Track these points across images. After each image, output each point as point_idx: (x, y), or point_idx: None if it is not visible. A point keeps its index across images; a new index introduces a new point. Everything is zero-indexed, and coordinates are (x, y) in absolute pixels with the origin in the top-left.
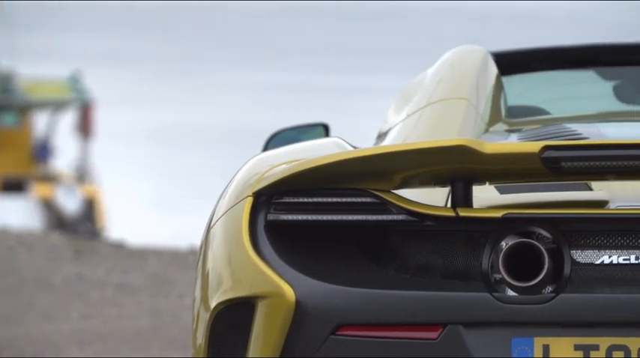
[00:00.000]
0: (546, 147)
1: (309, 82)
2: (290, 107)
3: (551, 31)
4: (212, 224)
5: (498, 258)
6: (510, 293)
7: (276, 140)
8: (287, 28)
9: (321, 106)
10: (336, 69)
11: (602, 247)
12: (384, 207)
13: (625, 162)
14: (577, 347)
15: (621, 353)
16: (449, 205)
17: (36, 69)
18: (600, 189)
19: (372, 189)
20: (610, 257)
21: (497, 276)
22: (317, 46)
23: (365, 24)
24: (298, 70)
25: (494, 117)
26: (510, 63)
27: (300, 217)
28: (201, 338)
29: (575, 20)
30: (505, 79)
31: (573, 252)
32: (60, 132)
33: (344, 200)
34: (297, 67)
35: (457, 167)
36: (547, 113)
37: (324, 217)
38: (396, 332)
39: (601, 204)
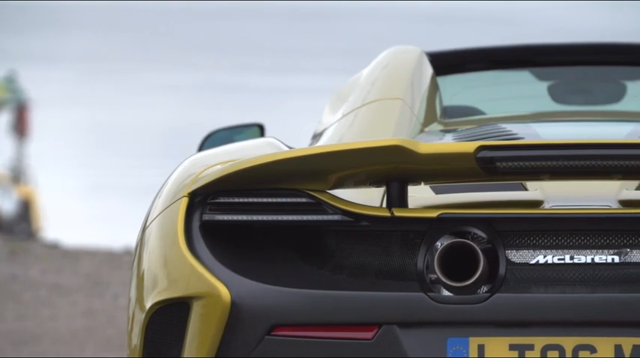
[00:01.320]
0: (481, 147)
1: (243, 82)
2: (224, 107)
3: (486, 32)
4: (147, 224)
5: (433, 258)
6: (445, 293)
7: (211, 140)
8: (220, 28)
9: (256, 106)
10: (269, 68)
11: (537, 247)
12: (319, 207)
13: (559, 162)
14: (512, 347)
15: (556, 353)
16: (384, 205)
17: None
18: (535, 189)
19: (308, 190)
20: (545, 257)
21: (433, 276)
22: (249, 46)
23: (299, 23)
24: (230, 69)
25: (430, 118)
26: (445, 63)
27: (235, 217)
28: (136, 338)
29: (512, 20)
30: (440, 80)
31: (508, 251)
32: None
33: (279, 200)
34: (229, 66)
35: (392, 167)
36: (482, 113)
37: (260, 217)
38: (332, 333)
39: (536, 204)
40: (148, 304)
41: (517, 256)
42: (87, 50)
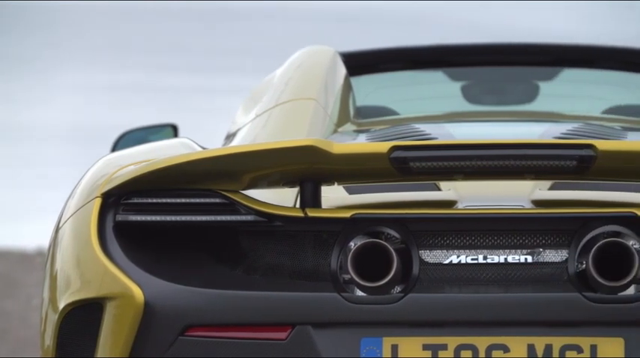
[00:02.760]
0: (394, 148)
1: (156, 82)
2: (137, 107)
3: (401, 32)
4: (60, 225)
5: (347, 258)
6: (359, 293)
7: (125, 140)
8: (133, 27)
9: (169, 106)
10: (183, 68)
11: (450, 247)
12: (232, 207)
13: (473, 163)
14: (425, 347)
15: (469, 353)
16: (298, 206)
17: None
18: (449, 189)
19: (221, 190)
20: (458, 257)
21: (346, 277)
22: (161, 46)
23: (212, 23)
24: (143, 69)
25: (343, 118)
26: (359, 63)
27: (148, 218)
28: (49, 339)
29: (423, 21)
30: (354, 80)
31: (422, 251)
32: None
33: (192, 200)
34: (140, 66)
35: (306, 167)
36: (396, 113)
37: (173, 218)
38: (245, 333)
39: (449, 204)
40: (61, 305)
41: (430, 256)
42: None
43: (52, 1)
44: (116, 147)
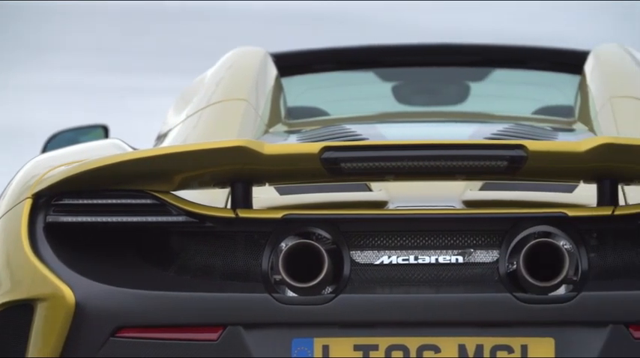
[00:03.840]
0: (326, 148)
1: (86, 82)
2: (67, 108)
3: (331, 33)
4: None
5: (278, 258)
6: (290, 293)
7: (55, 141)
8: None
9: (99, 107)
10: (112, 68)
11: (381, 247)
12: (163, 208)
13: (403, 163)
14: (356, 348)
15: (400, 353)
16: (229, 206)
17: None
18: (380, 190)
19: (152, 191)
20: (389, 257)
21: (277, 277)
22: (92, 46)
23: (144, 23)
24: (73, 69)
25: (274, 118)
26: (290, 64)
27: (79, 219)
28: None
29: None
30: (285, 80)
31: (353, 252)
32: None
33: (123, 201)
34: (71, 66)
35: (237, 168)
36: (327, 114)
37: (104, 219)
38: (177, 334)
39: (380, 204)
40: None
41: (362, 257)
42: None
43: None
44: (46, 148)
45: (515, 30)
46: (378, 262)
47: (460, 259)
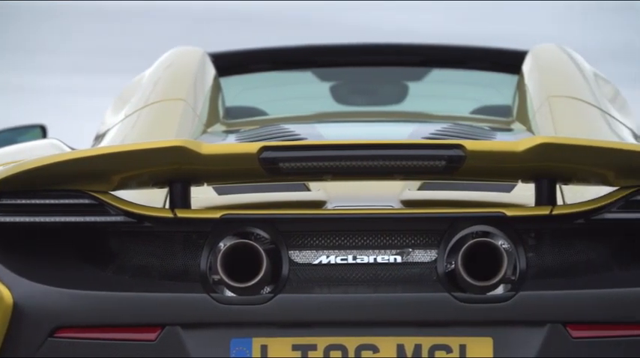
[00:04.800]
0: (264, 148)
1: (23, 82)
2: (5, 108)
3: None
4: None
5: (216, 258)
6: (229, 293)
7: None
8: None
9: (37, 107)
10: (50, 68)
11: (319, 247)
12: (101, 208)
13: (342, 163)
14: (295, 347)
15: (339, 353)
16: (167, 206)
17: None
18: (318, 190)
19: (90, 191)
20: (328, 257)
21: (216, 277)
22: (29, 46)
23: (81, 23)
24: (10, 69)
25: (212, 118)
26: (228, 64)
27: (17, 219)
28: None
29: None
30: (223, 80)
31: (291, 252)
32: None
33: (61, 201)
34: (7, 66)
35: (175, 168)
36: (265, 114)
37: (42, 219)
38: (115, 334)
39: (319, 204)
40: None
41: (300, 256)
42: None
43: None
44: None
45: (454, 30)
46: (316, 262)
47: (398, 259)
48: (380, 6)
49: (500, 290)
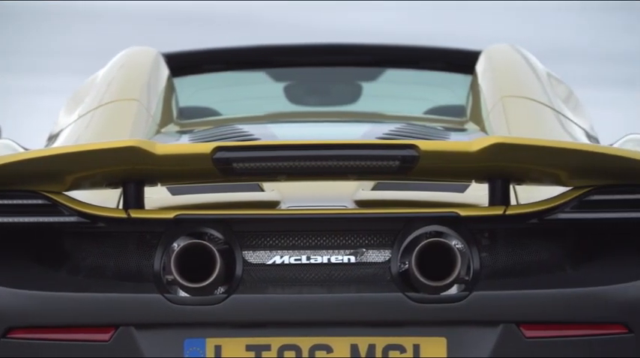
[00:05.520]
0: (218, 148)
1: None
2: None
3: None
4: None
5: (170, 259)
6: (182, 294)
7: None
8: None
9: None
10: (5, 69)
11: (273, 247)
12: (55, 208)
13: (295, 163)
14: (249, 348)
15: (292, 353)
16: (121, 207)
17: None
18: (272, 190)
19: (44, 191)
20: (282, 257)
21: (169, 277)
22: None
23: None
24: None
25: (166, 119)
26: (182, 64)
27: None
28: None
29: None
30: (177, 81)
31: (245, 252)
32: None
33: (15, 202)
34: None
35: (129, 168)
36: (219, 114)
37: None
38: (69, 335)
39: (273, 204)
40: None
41: (254, 257)
42: None
43: None
44: None
45: (408, 30)
46: (270, 262)
47: (352, 259)
48: (335, 6)
49: (453, 290)
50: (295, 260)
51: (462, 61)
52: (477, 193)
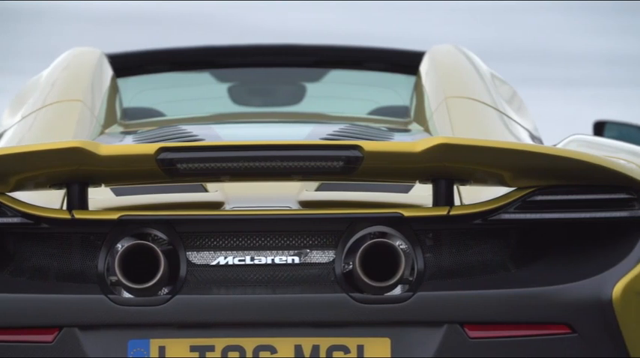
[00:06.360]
0: (161, 149)
1: None
2: None
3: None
4: None
5: (114, 260)
6: (126, 295)
7: None
8: None
9: None
10: None
11: (217, 248)
12: None
13: (239, 164)
14: (193, 348)
15: (236, 354)
16: (65, 208)
17: None
18: (216, 191)
19: None
20: (226, 258)
21: (113, 278)
22: None
23: None
24: None
25: (110, 119)
26: (126, 65)
27: None
28: None
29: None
30: (121, 81)
31: (189, 253)
32: None
33: None
34: None
35: (72, 169)
36: (163, 115)
37: None
38: (12, 336)
39: (217, 205)
40: None
41: (198, 257)
42: None
43: None
44: None
45: (352, 30)
46: (214, 263)
47: (296, 260)
48: (280, 6)
49: (397, 290)
50: (239, 260)
51: (405, 62)
52: (421, 194)
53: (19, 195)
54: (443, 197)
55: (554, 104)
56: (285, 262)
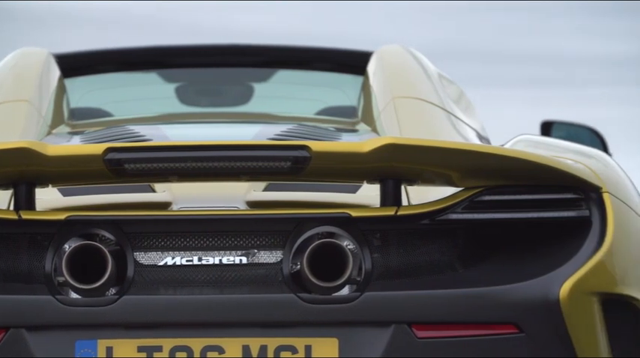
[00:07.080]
0: (109, 149)
1: None
2: None
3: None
4: None
5: (62, 260)
6: (74, 295)
7: None
8: None
9: None
10: None
11: (165, 249)
12: None
13: (187, 164)
14: (140, 349)
15: (184, 354)
16: (12, 208)
17: None
18: (164, 191)
19: None
20: (173, 258)
21: (61, 279)
22: None
23: None
24: None
25: (57, 120)
26: (73, 65)
27: None
28: None
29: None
30: (68, 81)
31: (137, 253)
32: None
33: None
34: None
35: (19, 169)
36: (111, 115)
37: None
38: None
39: (165, 205)
40: None
41: (146, 258)
42: None
43: None
44: None
45: (299, 30)
46: (161, 263)
47: (244, 260)
48: (227, 6)
49: (345, 290)
50: (187, 261)
51: (353, 62)
52: (369, 194)
53: None
54: (390, 197)
55: (503, 104)
56: (232, 262)
